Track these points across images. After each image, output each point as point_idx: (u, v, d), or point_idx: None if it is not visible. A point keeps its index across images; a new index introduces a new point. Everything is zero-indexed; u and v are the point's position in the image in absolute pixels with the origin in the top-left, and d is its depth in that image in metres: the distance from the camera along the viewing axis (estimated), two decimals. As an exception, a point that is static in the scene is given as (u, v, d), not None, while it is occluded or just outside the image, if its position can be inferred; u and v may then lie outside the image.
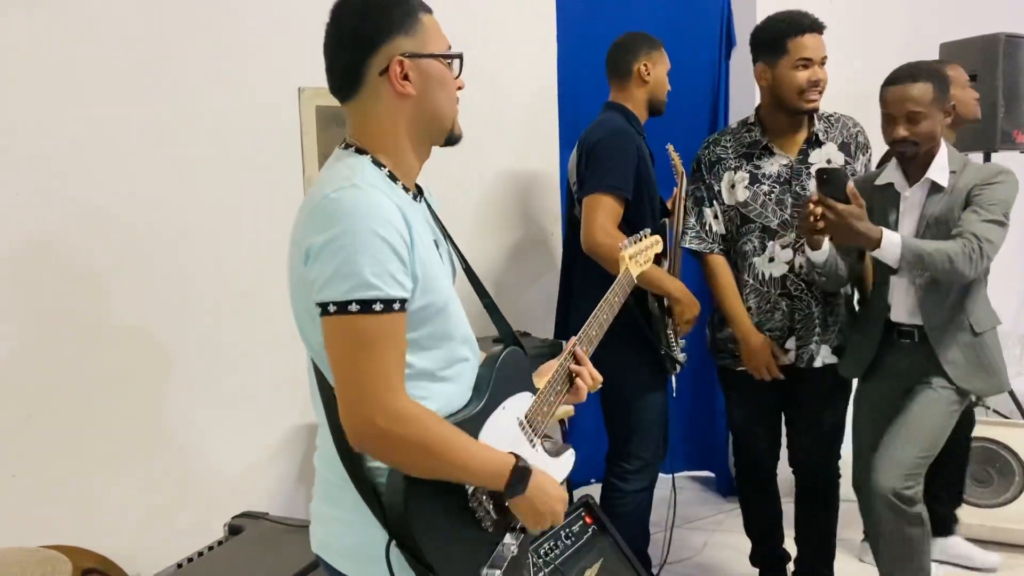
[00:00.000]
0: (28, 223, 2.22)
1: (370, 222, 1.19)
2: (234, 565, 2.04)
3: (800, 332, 2.55)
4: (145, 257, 2.39)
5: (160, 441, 2.43)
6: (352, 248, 1.18)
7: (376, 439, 1.21)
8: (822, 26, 2.58)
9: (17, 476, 2.23)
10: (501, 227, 3.18)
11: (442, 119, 1.37)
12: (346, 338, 1.20)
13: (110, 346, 2.34)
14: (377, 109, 1.32)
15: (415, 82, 1.31)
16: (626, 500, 2.71)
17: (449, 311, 1.33)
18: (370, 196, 1.21)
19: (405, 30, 1.30)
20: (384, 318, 1.19)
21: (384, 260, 1.18)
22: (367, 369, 1.19)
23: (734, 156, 2.58)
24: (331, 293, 1.19)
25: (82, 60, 2.28)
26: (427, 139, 1.37)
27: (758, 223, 2.54)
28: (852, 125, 2.61)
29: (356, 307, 1.18)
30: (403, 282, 1.21)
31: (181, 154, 2.43)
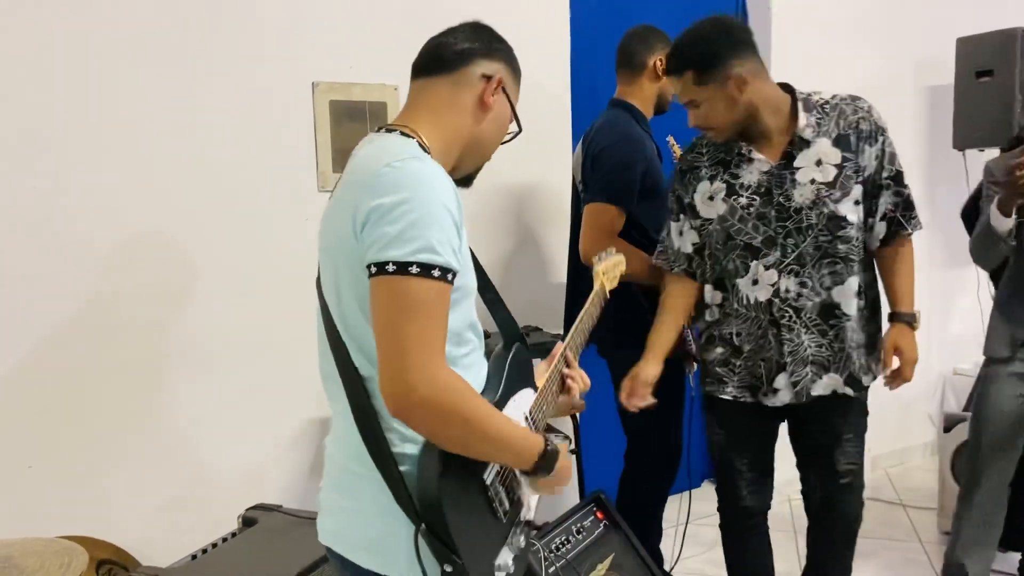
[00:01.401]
0: (43, 218, 2.24)
1: (438, 193, 1.22)
2: (248, 557, 2.05)
3: (792, 367, 2.15)
4: (159, 252, 2.41)
5: (175, 434, 2.45)
6: (421, 213, 1.19)
7: (419, 406, 1.19)
8: None
9: (34, 467, 2.25)
10: (510, 221, 3.17)
11: (480, 155, 1.46)
12: (400, 299, 1.19)
13: (125, 340, 2.36)
14: (451, 98, 1.38)
15: (493, 108, 1.41)
16: (643, 498, 2.71)
17: (472, 299, 1.36)
18: (435, 169, 1.25)
19: (511, 66, 1.44)
20: (438, 285, 1.20)
21: (448, 231, 1.21)
22: (416, 334, 1.18)
23: (710, 163, 2.18)
24: (394, 253, 1.18)
25: (97, 55, 2.29)
26: (464, 156, 1.43)
27: (739, 240, 2.13)
28: (852, 112, 2.10)
29: (417, 269, 1.18)
30: (460, 255, 1.25)
31: (195, 149, 2.44)
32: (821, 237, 2.08)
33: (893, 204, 2.13)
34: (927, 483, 3.93)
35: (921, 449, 4.38)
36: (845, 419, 2.21)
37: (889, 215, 2.14)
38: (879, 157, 2.09)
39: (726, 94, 2.02)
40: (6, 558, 1.48)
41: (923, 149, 4.21)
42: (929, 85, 4.18)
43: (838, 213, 2.06)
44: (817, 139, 2.08)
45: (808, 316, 2.12)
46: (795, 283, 2.10)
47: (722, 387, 2.26)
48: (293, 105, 2.62)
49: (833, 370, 2.14)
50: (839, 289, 2.10)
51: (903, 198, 2.12)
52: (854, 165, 2.08)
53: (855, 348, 2.14)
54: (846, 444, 2.21)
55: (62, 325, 2.27)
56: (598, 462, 3.12)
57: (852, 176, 2.07)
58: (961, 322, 4.38)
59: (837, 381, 2.15)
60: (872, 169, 2.09)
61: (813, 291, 2.10)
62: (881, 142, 2.10)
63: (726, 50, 2.01)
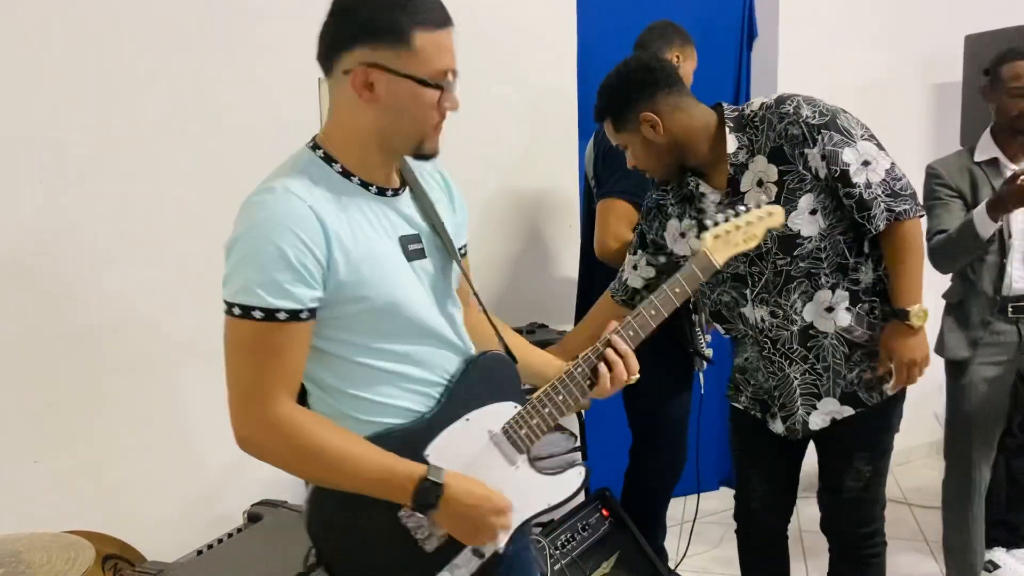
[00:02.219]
0: (49, 214, 2.24)
1: (268, 230, 1.18)
2: (253, 552, 2.05)
3: (782, 400, 2.06)
4: (165, 249, 2.41)
5: (180, 430, 2.45)
6: (243, 253, 1.19)
7: (246, 445, 1.23)
8: None
9: (40, 462, 2.26)
10: (519, 217, 3.17)
11: (404, 136, 1.29)
12: (227, 339, 1.22)
13: (131, 335, 2.36)
14: (340, 99, 1.28)
15: (380, 94, 1.24)
16: (648, 496, 2.71)
17: (400, 310, 1.28)
18: (280, 202, 1.20)
19: (388, 43, 1.22)
20: (263, 326, 1.18)
21: (273, 270, 1.17)
22: (242, 375, 1.21)
23: (675, 200, 2.08)
24: (224, 293, 1.21)
25: (101, 55, 2.29)
26: (389, 147, 1.31)
27: (726, 273, 2.02)
28: (778, 120, 1.90)
29: (238, 311, 1.19)
30: (295, 292, 1.18)
31: (200, 145, 2.45)
32: (779, 261, 1.95)
33: (848, 206, 1.93)
34: (932, 482, 3.91)
35: (926, 448, 4.37)
36: (860, 435, 2.08)
37: (850, 217, 1.96)
38: (824, 158, 1.88)
39: (642, 137, 1.98)
40: (13, 553, 1.49)
41: (930, 147, 4.19)
42: (937, 83, 4.16)
43: (789, 231, 1.92)
44: (753, 158, 1.94)
45: (787, 346, 2.02)
46: (767, 312, 2.00)
47: (737, 395, 2.21)
48: (299, 101, 2.62)
49: (826, 394, 2.03)
50: (809, 307, 1.99)
51: (855, 199, 1.90)
52: (796, 176, 1.90)
53: (843, 363, 2.01)
54: (858, 462, 2.08)
55: (67, 321, 2.28)
56: (604, 460, 3.11)
57: (798, 188, 1.91)
58: (968, 321, 4.36)
59: (833, 406, 2.03)
60: (823, 173, 1.90)
61: (787, 319, 1.99)
62: (821, 141, 1.88)
63: (634, 93, 1.97)
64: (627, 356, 1.46)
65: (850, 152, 1.89)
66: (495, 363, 1.41)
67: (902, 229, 1.94)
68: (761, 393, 2.13)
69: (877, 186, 1.90)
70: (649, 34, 2.70)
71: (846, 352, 2.01)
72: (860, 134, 1.92)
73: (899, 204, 1.91)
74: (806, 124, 1.88)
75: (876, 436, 2.10)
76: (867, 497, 2.11)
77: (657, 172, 2.07)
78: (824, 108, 1.92)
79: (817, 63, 3.73)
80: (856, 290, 1.99)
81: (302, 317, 1.20)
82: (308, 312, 1.21)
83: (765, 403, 2.13)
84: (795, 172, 1.91)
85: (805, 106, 1.91)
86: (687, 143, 1.98)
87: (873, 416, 2.06)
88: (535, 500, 1.40)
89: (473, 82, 2.88)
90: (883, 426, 2.11)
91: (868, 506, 2.13)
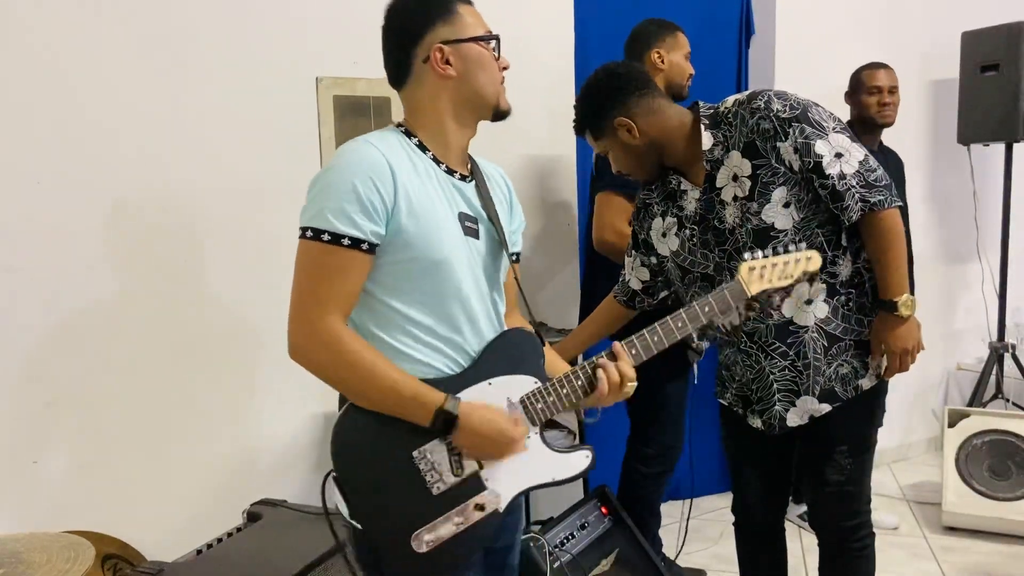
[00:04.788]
0: (50, 212, 2.24)
1: (345, 169, 1.36)
2: (253, 551, 2.06)
3: (758, 394, 2.08)
4: (164, 246, 2.41)
5: (180, 429, 2.45)
6: (321, 187, 1.37)
7: (296, 352, 1.39)
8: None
9: (39, 462, 2.26)
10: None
11: (485, 96, 1.48)
12: (297, 258, 1.38)
13: (130, 335, 2.36)
14: (423, 93, 1.47)
15: (456, 65, 1.44)
16: (644, 484, 2.74)
17: (446, 269, 1.42)
18: (359, 149, 1.38)
19: (444, 20, 1.44)
20: (329, 248, 1.35)
21: (344, 201, 1.34)
22: (304, 289, 1.38)
23: (660, 199, 2.13)
24: (300, 220, 1.38)
25: (102, 51, 2.29)
26: (473, 116, 1.50)
27: (696, 272, 2.07)
28: (750, 115, 1.93)
29: (309, 234, 1.36)
30: (360, 223, 1.34)
31: (199, 144, 2.44)
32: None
33: (824, 197, 1.94)
34: (931, 478, 3.93)
35: (924, 444, 4.38)
36: (840, 429, 2.07)
37: (827, 210, 1.96)
38: (797, 151, 1.90)
39: (620, 142, 2.04)
40: (14, 553, 1.49)
41: (927, 144, 4.20)
42: (934, 79, 4.17)
43: (764, 224, 1.94)
44: (728, 154, 1.97)
45: (763, 340, 2.02)
46: (743, 306, 1.98)
47: (723, 391, 2.23)
48: (297, 100, 2.62)
49: (805, 392, 2.02)
50: (788, 302, 1.99)
51: (828, 190, 1.91)
52: (770, 169, 1.92)
53: (822, 357, 2.01)
54: (838, 456, 2.08)
55: (68, 321, 2.28)
56: (603, 457, 3.11)
57: (771, 181, 1.93)
58: (965, 317, 4.38)
59: (812, 404, 2.03)
60: (797, 165, 1.91)
61: (763, 313, 2.00)
62: (792, 134, 1.90)
63: (606, 102, 2.03)
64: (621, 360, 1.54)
65: (822, 144, 1.91)
66: (523, 339, 1.53)
67: (879, 220, 1.95)
68: (743, 389, 2.15)
69: (851, 177, 1.91)
70: (630, 42, 2.75)
71: (825, 345, 2.01)
72: (832, 127, 1.94)
73: (874, 195, 1.92)
74: (777, 118, 1.90)
75: (856, 430, 2.10)
76: (850, 491, 2.11)
77: (639, 174, 2.12)
78: (795, 102, 1.93)
79: (814, 60, 3.74)
80: (833, 283, 2.01)
81: (363, 248, 1.36)
82: (369, 245, 1.36)
83: (747, 399, 2.15)
84: (768, 166, 1.93)
85: (776, 100, 1.93)
86: (664, 143, 2.02)
87: (853, 410, 2.06)
88: (541, 472, 1.49)
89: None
90: (864, 420, 2.11)
91: (852, 500, 2.13)
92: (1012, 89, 3.72)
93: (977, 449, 3.39)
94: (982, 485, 3.34)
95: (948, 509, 3.37)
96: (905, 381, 2.20)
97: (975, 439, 3.40)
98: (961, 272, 4.32)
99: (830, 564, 2.22)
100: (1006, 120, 3.75)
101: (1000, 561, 3.15)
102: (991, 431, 3.37)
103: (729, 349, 2.16)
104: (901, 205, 1.97)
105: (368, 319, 1.43)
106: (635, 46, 2.71)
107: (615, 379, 1.51)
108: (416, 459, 1.40)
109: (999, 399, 3.97)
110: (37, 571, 1.44)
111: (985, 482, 3.34)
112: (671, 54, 2.69)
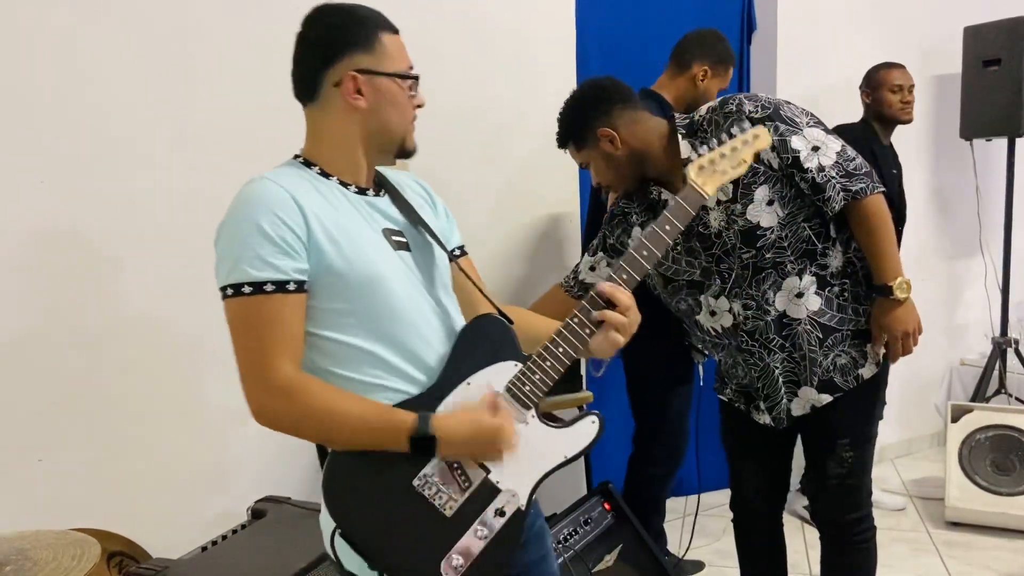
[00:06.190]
0: (52, 211, 2.25)
1: (247, 212, 1.28)
2: (257, 548, 2.06)
3: (765, 391, 2.11)
4: (166, 245, 2.41)
5: (184, 427, 2.46)
6: (226, 238, 1.29)
7: (260, 415, 1.30)
8: None
9: (44, 460, 2.26)
10: (518, 215, 3.17)
11: (391, 133, 1.41)
12: (228, 320, 1.30)
13: (134, 332, 2.37)
14: (328, 119, 1.40)
15: (367, 96, 1.37)
16: (651, 483, 2.76)
17: (384, 291, 1.33)
18: (256, 189, 1.30)
19: (364, 47, 1.37)
20: (253, 300, 1.26)
21: (254, 246, 1.26)
22: (244, 349, 1.29)
23: (640, 209, 2.15)
24: (217, 282, 1.30)
25: (102, 50, 2.29)
26: (375, 149, 1.43)
27: (681, 280, 2.11)
28: (723, 119, 1.97)
29: (230, 291, 1.28)
30: (278, 264, 1.26)
31: (199, 145, 2.44)
32: (744, 255, 2.00)
33: (806, 191, 1.97)
34: (934, 473, 3.93)
35: (928, 440, 4.38)
36: (841, 421, 2.09)
37: (811, 204, 1.99)
38: (774, 148, 1.93)
39: (603, 153, 2.06)
40: (20, 550, 1.50)
41: (929, 139, 4.20)
42: (936, 74, 4.16)
43: (750, 224, 1.98)
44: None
45: (764, 336, 2.05)
46: (740, 306, 2.05)
47: (723, 387, 2.25)
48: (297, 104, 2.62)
49: (804, 383, 2.06)
50: (780, 296, 2.02)
51: (809, 183, 1.94)
52: (749, 170, 1.91)
53: (818, 349, 2.03)
54: (840, 448, 2.10)
55: (71, 319, 2.28)
56: (605, 454, 3.13)
57: (752, 181, 1.96)
58: (968, 312, 4.37)
59: (812, 394, 2.06)
60: (776, 163, 1.95)
61: (761, 310, 2.03)
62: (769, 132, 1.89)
63: (590, 112, 2.06)
64: (618, 298, 1.43)
65: (797, 139, 1.94)
66: (488, 326, 1.44)
67: (863, 207, 1.96)
68: (744, 385, 2.17)
69: (830, 168, 1.93)
70: (690, 39, 2.76)
71: (819, 337, 2.03)
72: (806, 122, 1.97)
73: (854, 183, 1.94)
74: (750, 119, 1.93)
75: (858, 423, 2.11)
76: (851, 484, 2.13)
77: (619, 186, 2.14)
78: (766, 102, 1.97)
79: (816, 55, 3.74)
80: (823, 274, 2.02)
81: (289, 288, 1.28)
82: (295, 284, 1.28)
83: (749, 395, 2.17)
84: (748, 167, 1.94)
85: (747, 102, 1.96)
86: (645, 153, 2.05)
87: (854, 403, 2.08)
88: (552, 454, 1.42)
89: (472, 83, 2.91)
90: (864, 413, 2.12)
91: (853, 492, 2.14)
92: (1014, 84, 3.71)
93: (980, 444, 3.39)
94: (985, 480, 3.35)
95: (951, 504, 3.37)
96: (908, 376, 2.22)
97: (978, 434, 3.40)
98: (964, 267, 4.31)
99: (832, 558, 2.24)
100: (1008, 115, 3.75)
101: (1003, 556, 3.15)
102: (994, 426, 3.37)
103: (723, 353, 2.18)
104: (884, 191, 1.99)
105: (321, 360, 1.34)
106: (690, 47, 2.73)
107: (623, 320, 1.41)
108: (418, 487, 1.31)
109: (1002, 394, 3.97)
110: (43, 568, 1.44)
111: (988, 477, 3.35)
112: (710, 81, 2.72)
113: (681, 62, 2.73)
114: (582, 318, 1.42)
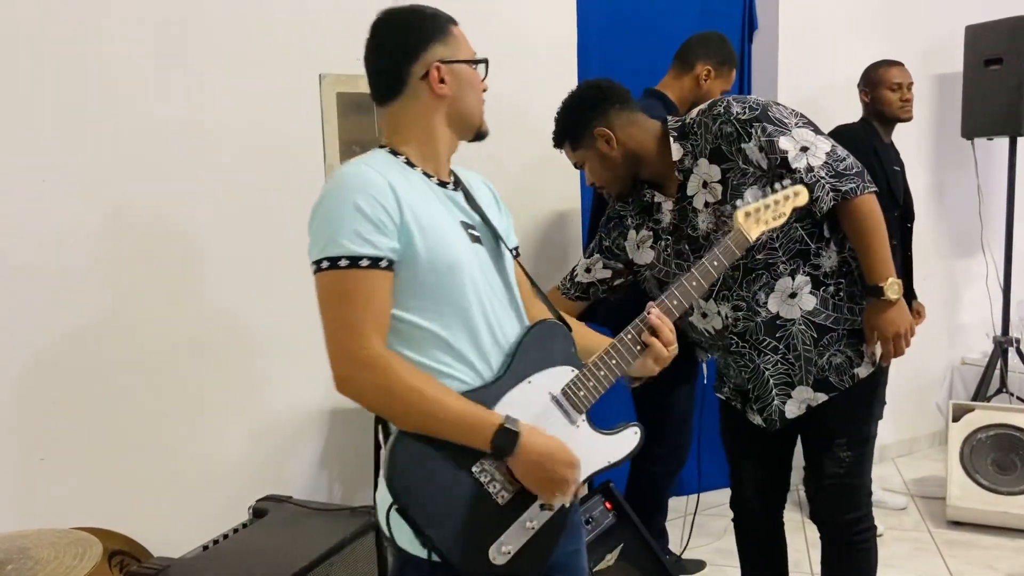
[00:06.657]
0: (54, 213, 2.25)
1: (344, 192, 1.34)
2: (258, 547, 2.06)
3: (756, 392, 2.10)
4: (168, 244, 2.41)
5: (185, 426, 2.46)
6: (323, 215, 1.34)
7: (345, 385, 1.33)
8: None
9: (46, 460, 2.27)
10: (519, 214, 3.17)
11: (472, 116, 1.52)
12: (319, 296, 1.34)
13: (136, 331, 2.37)
14: (415, 109, 1.47)
15: (450, 84, 1.47)
16: (655, 482, 2.78)
17: (461, 280, 1.40)
18: (352, 172, 1.37)
19: (440, 40, 1.47)
20: (349, 273, 1.31)
21: (352, 222, 1.32)
22: (335, 322, 1.33)
23: (635, 212, 2.16)
24: (310, 255, 1.35)
25: (104, 48, 2.29)
26: (457, 134, 1.52)
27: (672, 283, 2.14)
28: (712, 121, 1.98)
29: (326, 264, 1.33)
30: (375, 240, 1.32)
31: (202, 141, 2.45)
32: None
33: None
34: (935, 472, 3.93)
35: (929, 439, 4.38)
36: (838, 421, 2.09)
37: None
38: (762, 149, 1.94)
39: (598, 152, 2.09)
40: (22, 549, 1.50)
41: (931, 138, 4.20)
42: (937, 73, 4.16)
43: None
44: (697, 162, 2.02)
45: (754, 337, 2.04)
46: (730, 308, 2.05)
47: (721, 386, 2.26)
48: (300, 97, 2.62)
49: (799, 383, 2.05)
50: (772, 298, 2.01)
51: (796, 181, 1.93)
52: (738, 171, 1.96)
53: (812, 348, 2.02)
54: (837, 448, 2.10)
55: (73, 318, 2.28)
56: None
57: (741, 182, 1.97)
58: (969, 312, 4.37)
59: (807, 393, 2.06)
60: (765, 164, 1.95)
61: (751, 311, 2.02)
62: (755, 134, 1.94)
63: (587, 111, 2.09)
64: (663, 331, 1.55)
65: (786, 140, 1.94)
66: (551, 330, 1.53)
67: (854, 207, 1.96)
68: (738, 385, 2.17)
69: (819, 168, 1.93)
70: (694, 40, 2.78)
71: (814, 336, 2.03)
72: (794, 122, 1.97)
73: (844, 183, 1.93)
74: (738, 120, 1.96)
75: (855, 422, 2.11)
76: (850, 483, 2.12)
77: (614, 187, 2.16)
78: (754, 103, 1.98)
79: (817, 55, 3.74)
80: (817, 274, 2.02)
81: (382, 265, 1.33)
82: (388, 262, 1.34)
83: (745, 394, 2.17)
84: (736, 168, 1.97)
85: (735, 104, 1.98)
86: (640, 154, 2.08)
87: (851, 402, 2.07)
88: (596, 457, 1.50)
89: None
90: (862, 412, 2.12)
91: (852, 492, 2.14)
92: (1016, 83, 3.71)
93: (981, 443, 3.39)
94: (986, 479, 3.35)
95: (952, 503, 3.37)
96: (909, 375, 2.22)
97: (979, 433, 3.40)
98: (965, 266, 4.31)
99: (832, 558, 2.23)
100: (1010, 114, 3.75)
101: (1004, 555, 3.15)
102: (995, 425, 3.37)
103: (717, 354, 2.19)
104: (875, 191, 1.98)
105: (394, 340, 1.38)
106: (694, 48, 2.77)
107: (669, 336, 1.55)
108: (476, 473, 1.36)
109: (1003, 393, 3.97)
110: (45, 567, 1.45)
111: (989, 476, 3.35)
112: (713, 82, 2.76)
113: (685, 62, 2.76)
114: (635, 335, 1.54)
